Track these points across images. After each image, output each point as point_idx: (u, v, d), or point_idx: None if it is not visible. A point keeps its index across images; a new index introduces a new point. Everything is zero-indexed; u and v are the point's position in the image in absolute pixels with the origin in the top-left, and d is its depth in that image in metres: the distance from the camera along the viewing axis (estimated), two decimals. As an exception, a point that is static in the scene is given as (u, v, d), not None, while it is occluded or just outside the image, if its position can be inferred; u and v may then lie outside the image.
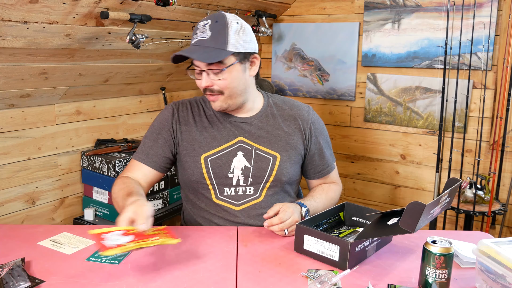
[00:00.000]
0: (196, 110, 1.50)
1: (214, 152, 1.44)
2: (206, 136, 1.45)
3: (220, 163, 1.43)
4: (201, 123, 1.47)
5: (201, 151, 1.44)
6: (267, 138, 1.47)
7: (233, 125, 1.47)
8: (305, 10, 2.88)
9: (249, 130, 1.47)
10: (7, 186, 2.12)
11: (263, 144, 1.46)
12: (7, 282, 1.02)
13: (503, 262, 0.99)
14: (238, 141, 1.45)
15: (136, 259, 1.18)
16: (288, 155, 1.47)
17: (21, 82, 1.95)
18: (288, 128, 1.50)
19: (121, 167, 2.30)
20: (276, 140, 1.47)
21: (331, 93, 2.87)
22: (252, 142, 1.45)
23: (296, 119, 1.51)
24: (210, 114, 1.49)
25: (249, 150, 1.44)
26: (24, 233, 1.33)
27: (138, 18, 1.92)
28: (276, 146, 1.47)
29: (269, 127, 1.48)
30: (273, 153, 1.46)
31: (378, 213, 1.16)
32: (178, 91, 3.03)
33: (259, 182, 1.44)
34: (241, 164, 1.43)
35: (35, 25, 1.68)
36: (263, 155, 1.45)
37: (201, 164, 1.43)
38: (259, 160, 1.44)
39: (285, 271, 1.13)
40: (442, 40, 2.39)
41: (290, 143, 1.48)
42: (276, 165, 1.45)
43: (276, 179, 1.45)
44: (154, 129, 1.50)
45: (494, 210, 2.25)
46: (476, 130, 2.39)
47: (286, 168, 1.46)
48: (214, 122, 1.47)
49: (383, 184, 2.83)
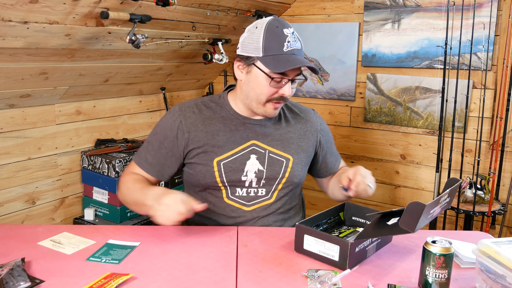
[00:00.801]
0: (205, 112, 1.46)
1: (227, 156, 1.41)
2: (218, 139, 1.42)
3: (233, 166, 1.41)
4: (212, 126, 1.43)
5: (213, 155, 1.41)
6: (280, 140, 1.47)
7: (247, 128, 1.45)
8: (305, 10, 2.88)
9: (263, 133, 1.45)
10: (7, 186, 2.12)
11: (276, 146, 1.46)
12: (7, 282, 1.02)
13: (503, 262, 0.99)
14: (251, 144, 1.44)
15: (136, 259, 1.18)
16: (299, 157, 1.48)
17: (21, 82, 1.95)
18: (300, 130, 1.52)
19: (121, 167, 2.30)
20: (289, 142, 1.48)
21: (331, 93, 2.87)
22: (265, 145, 1.45)
23: (307, 122, 1.54)
24: (222, 116, 1.46)
25: (262, 154, 1.44)
26: (24, 233, 1.33)
27: (138, 18, 1.92)
28: (289, 149, 1.47)
29: (282, 129, 1.49)
30: (286, 156, 1.46)
31: (378, 213, 1.15)
32: (178, 91, 3.03)
33: (272, 184, 1.45)
34: (254, 167, 1.42)
35: (35, 25, 1.68)
36: (276, 158, 1.45)
37: (213, 168, 1.41)
38: (272, 163, 1.44)
39: (285, 271, 1.13)
40: (442, 40, 2.39)
41: (301, 146, 1.50)
42: (289, 168, 1.45)
43: (288, 181, 1.46)
44: (157, 137, 1.46)
45: (494, 210, 2.25)
46: (476, 130, 2.39)
47: (297, 170, 1.47)
48: (227, 125, 1.44)
49: (383, 184, 2.83)
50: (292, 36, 1.34)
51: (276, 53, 1.32)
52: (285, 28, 1.34)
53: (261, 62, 1.33)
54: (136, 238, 1.30)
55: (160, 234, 1.34)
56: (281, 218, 1.48)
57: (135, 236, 1.32)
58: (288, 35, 1.33)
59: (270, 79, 1.32)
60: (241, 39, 1.39)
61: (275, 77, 1.32)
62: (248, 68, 1.37)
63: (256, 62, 1.34)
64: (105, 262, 1.16)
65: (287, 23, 1.36)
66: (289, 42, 1.33)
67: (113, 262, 1.16)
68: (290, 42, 1.33)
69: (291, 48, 1.33)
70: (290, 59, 1.31)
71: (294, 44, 1.34)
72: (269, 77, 1.32)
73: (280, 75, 1.32)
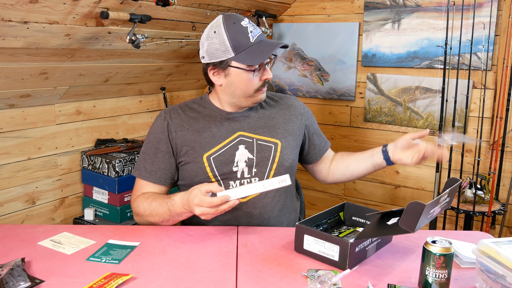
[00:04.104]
0: (189, 113, 1.50)
1: (215, 150, 1.44)
2: (205, 136, 1.46)
3: (223, 159, 1.44)
4: (197, 124, 1.47)
5: (202, 151, 1.44)
6: (266, 127, 1.50)
7: (231, 121, 1.48)
8: (305, 10, 2.88)
9: (248, 123, 1.49)
10: (7, 186, 2.12)
11: (262, 134, 1.49)
12: (7, 282, 1.02)
13: (503, 262, 0.99)
14: (238, 135, 1.47)
15: (136, 259, 1.18)
16: (287, 141, 1.51)
17: (21, 82, 1.95)
18: (285, 115, 1.55)
19: (121, 167, 2.30)
20: (275, 128, 1.51)
21: (331, 93, 2.87)
22: (252, 134, 1.48)
23: (290, 107, 1.58)
24: (206, 115, 1.50)
25: (250, 142, 1.46)
26: (24, 233, 1.33)
27: (138, 18, 1.92)
28: (276, 134, 1.50)
29: (266, 117, 1.53)
30: (273, 141, 1.49)
31: (378, 213, 1.16)
32: (178, 91, 3.03)
33: (263, 171, 1.46)
34: (244, 157, 1.45)
35: (35, 25, 1.68)
36: (265, 144, 1.47)
37: (204, 164, 1.43)
38: (261, 150, 1.46)
39: (285, 271, 1.13)
40: (442, 40, 2.39)
41: (288, 129, 1.53)
42: (278, 152, 1.48)
43: (279, 165, 1.47)
44: (151, 144, 1.48)
45: (494, 210, 2.25)
46: (476, 130, 2.39)
47: (287, 154, 1.49)
48: (212, 121, 1.48)
49: (383, 184, 2.83)
50: (250, 25, 1.39)
51: (247, 47, 1.36)
52: (242, 21, 1.38)
53: (236, 61, 1.37)
54: (136, 238, 1.30)
55: (160, 234, 1.34)
56: (279, 208, 1.49)
57: (135, 236, 1.32)
58: (247, 26, 1.38)
59: (252, 72, 1.38)
60: (202, 50, 1.42)
61: (255, 68, 1.38)
62: (225, 71, 1.40)
63: (231, 63, 1.38)
64: (105, 262, 1.16)
65: (239, 16, 1.40)
66: (251, 32, 1.38)
67: (113, 262, 1.16)
68: (252, 31, 1.38)
69: (256, 36, 1.38)
70: (262, 47, 1.37)
71: (256, 32, 1.39)
72: (250, 70, 1.38)
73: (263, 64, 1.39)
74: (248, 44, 1.36)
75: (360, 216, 1.41)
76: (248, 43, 1.36)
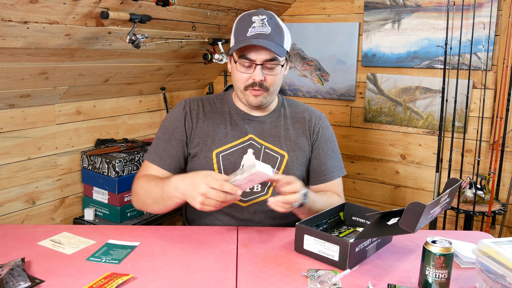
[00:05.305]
0: (208, 107, 1.51)
1: (226, 148, 1.45)
2: (219, 132, 1.46)
3: (231, 159, 1.44)
4: (214, 119, 1.48)
5: (213, 146, 1.45)
6: (277, 137, 1.49)
7: (246, 123, 1.48)
8: (305, 10, 2.88)
9: (261, 129, 1.48)
10: (7, 186, 2.12)
11: (272, 143, 1.48)
12: (7, 282, 1.02)
13: (503, 262, 0.99)
14: (249, 138, 1.47)
15: (136, 259, 1.18)
16: (295, 155, 1.49)
17: (21, 82, 1.95)
18: (297, 130, 1.52)
19: (121, 167, 2.30)
20: (285, 140, 1.49)
21: (331, 93, 2.87)
22: (262, 140, 1.47)
23: (305, 122, 1.54)
24: (223, 111, 1.50)
25: (259, 149, 1.46)
26: (24, 233, 1.33)
27: (138, 18, 1.92)
28: (285, 146, 1.48)
29: (280, 127, 1.51)
30: (281, 152, 1.47)
31: (378, 213, 1.16)
32: (178, 91, 3.03)
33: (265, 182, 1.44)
34: (249, 162, 1.44)
35: (35, 25, 1.68)
36: (272, 154, 1.46)
37: (212, 160, 1.43)
38: (267, 159, 1.46)
39: (285, 271, 1.13)
40: (442, 40, 2.39)
41: (298, 144, 1.50)
42: (283, 164, 1.46)
43: None
44: (166, 130, 1.48)
45: (494, 210, 2.25)
46: (476, 130, 2.39)
47: (292, 168, 1.47)
48: (227, 119, 1.49)
49: (383, 184, 2.83)
50: (260, 21, 1.35)
51: (241, 38, 1.35)
52: (255, 16, 1.36)
53: (232, 50, 1.38)
54: (136, 238, 1.30)
55: (160, 234, 1.34)
56: (281, 215, 1.48)
57: (135, 236, 1.32)
58: (255, 21, 1.35)
59: (236, 64, 1.38)
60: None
61: (238, 61, 1.36)
62: (230, 58, 1.44)
63: (231, 51, 1.40)
64: (105, 262, 1.16)
65: (263, 11, 1.38)
66: (254, 27, 1.35)
67: (113, 262, 1.16)
68: (256, 27, 1.35)
69: (255, 33, 1.34)
70: (247, 41, 1.33)
71: (260, 29, 1.35)
72: (235, 61, 1.38)
73: (247, 60, 1.35)
74: (244, 36, 1.35)
75: (360, 216, 1.41)
76: (243, 36, 1.35)
